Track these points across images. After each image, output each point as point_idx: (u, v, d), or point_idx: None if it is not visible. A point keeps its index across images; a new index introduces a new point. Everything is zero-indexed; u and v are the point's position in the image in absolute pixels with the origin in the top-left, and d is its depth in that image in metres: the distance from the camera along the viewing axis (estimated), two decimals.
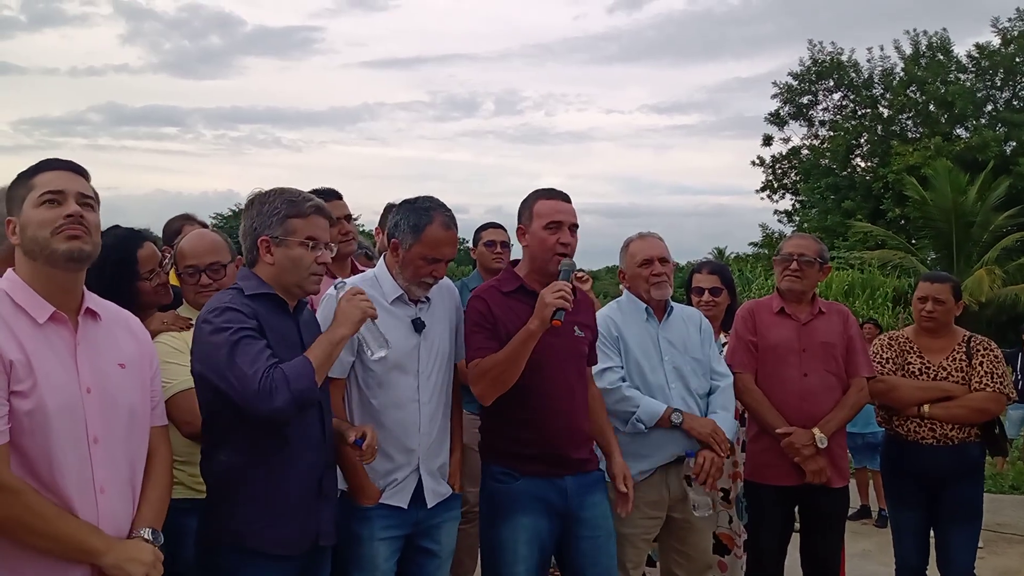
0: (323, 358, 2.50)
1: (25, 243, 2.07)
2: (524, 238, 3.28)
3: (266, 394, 2.34)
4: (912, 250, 23.25)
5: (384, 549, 2.94)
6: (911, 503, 4.21)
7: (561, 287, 2.99)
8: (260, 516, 2.51)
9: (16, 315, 2.01)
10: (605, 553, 3.29)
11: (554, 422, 3.17)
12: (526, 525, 3.16)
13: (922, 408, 4.08)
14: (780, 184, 32.91)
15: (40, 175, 2.10)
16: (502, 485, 3.19)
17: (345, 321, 2.58)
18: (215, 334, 2.42)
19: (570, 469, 3.22)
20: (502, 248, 4.77)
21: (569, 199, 3.30)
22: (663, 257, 3.74)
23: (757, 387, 3.92)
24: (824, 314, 4.00)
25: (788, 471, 3.82)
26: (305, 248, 2.60)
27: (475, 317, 3.18)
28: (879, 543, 6.67)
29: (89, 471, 2.06)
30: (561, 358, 3.20)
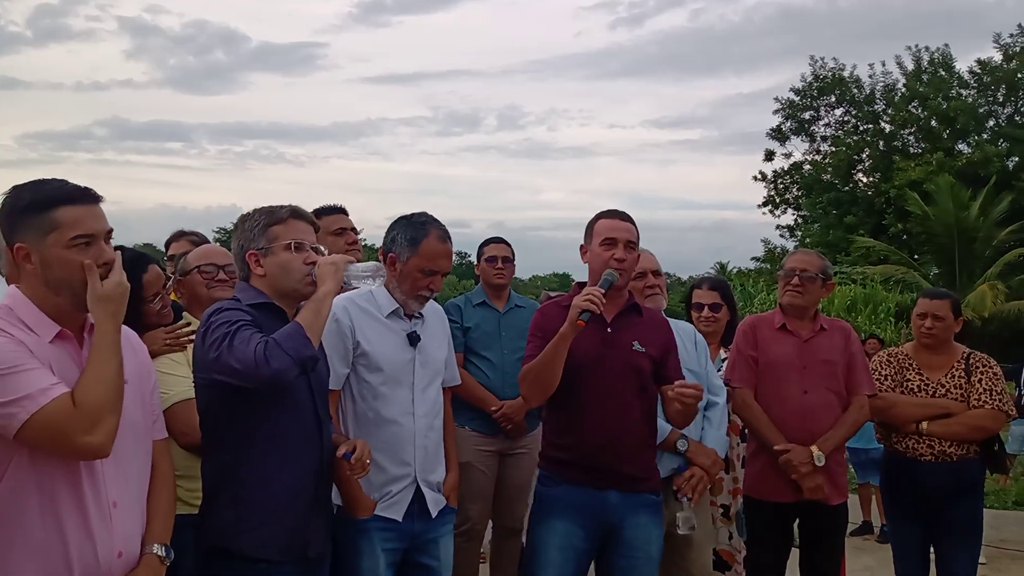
0: (311, 318, 2.48)
1: (50, 280, 2.07)
2: (585, 256, 3.38)
3: (263, 360, 2.32)
4: (915, 265, 23.28)
5: (382, 561, 2.95)
6: (911, 519, 4.21)
7: (591, 291, 3.05)
8: (245, 518, 2.50)
9: (24, 332, 2.03)
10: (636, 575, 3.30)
11: (594, 434, 3.20)
12: (559, 530, 3.21)
13: (921, 425, 4.07)
14: (782, 199, 32.98)
15: (62, 210, 2.06)
16: (544, 488, 3.30)
17: (323, 278, 2.56)
18: (213, 332, 2.43)
19: (614, 483, 3.23)
20: (503, 263, 4.78)
21: (629, 218, 3.40)
22: (655, 270, 3.80)
23: (756, 403, 3.91)
24: (826, 331, 4.00)
25: (786, 487, 3.81)
26: (290, 251, 2.61)
27: (532, 328, 3.33)
28: (881, 559, 6.64)
29: (103, 486, 2.07)
30: (610, 370, 3.23)
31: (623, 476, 3.24)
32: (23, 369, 1.94)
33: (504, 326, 4.62)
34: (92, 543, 2.05)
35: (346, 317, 3.02)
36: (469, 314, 4.63)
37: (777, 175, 32.85)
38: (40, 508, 1.99)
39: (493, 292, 4.77)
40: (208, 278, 3.27)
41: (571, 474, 3.23)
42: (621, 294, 3.34)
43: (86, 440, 1.96)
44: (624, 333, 3.17)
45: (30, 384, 1.93)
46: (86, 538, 2.04)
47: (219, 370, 2.39)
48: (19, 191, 2.10)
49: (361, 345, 3.01)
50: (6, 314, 2.05)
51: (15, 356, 1.94)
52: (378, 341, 3.03)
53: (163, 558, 2.22)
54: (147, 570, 2.18)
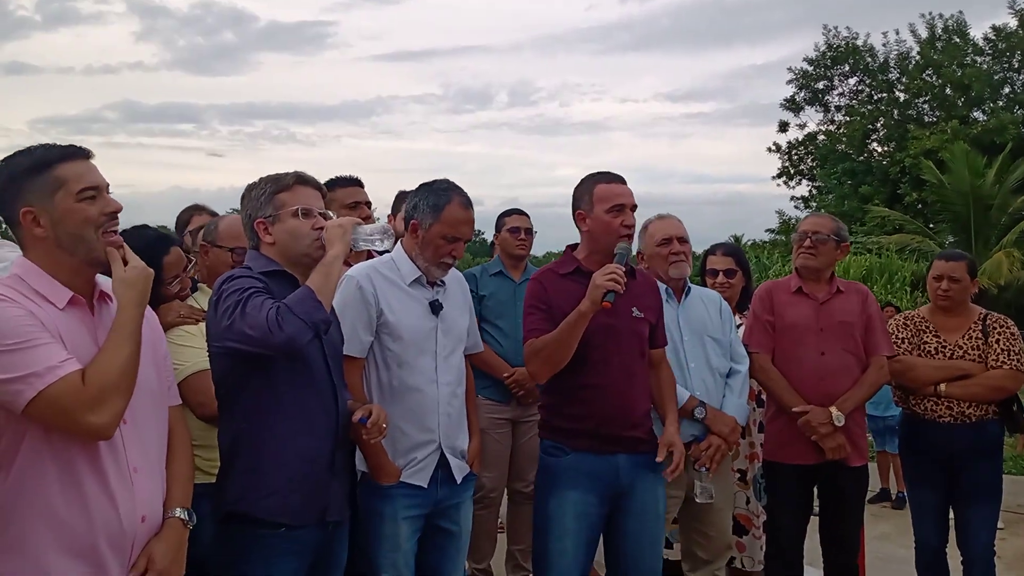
0: (321, 280, 2.48)
1: (62, 237, 2.07)
2: (585, 223, 3.31)
3: (275, 325, 2.33)
4: (930, 234, 23.07)
5: (407, 528, 2.99)
6: (929, 482, 4.21)
7: (613, 269, 3.04)
8: (262, 483, 2.53)
9: (37, 300, 2.03)
10: (650, 536, 3.32)
11: (606, 400, 3.22)
12: (574, 499, 3.21)
13: (939, 387, 4.08)
14: (796, 170, 32.73)
15: (63, 167, 2.09)
16: (553, 459, 3.26)
17: (332, 241, 2.57)
18: (225, 300, 2.45)
19: (622, 447, 3.25)
20: (526, 235, 4.80)
21: (625, 181, 3.33)
22: (681, 236, 3.79)
23: (774, 367, 3.92)
24: (842, 293, 4.00)
25: (806, 450, 3.83)
26: (298, 218, 2.62)
27: (531, 299, 3.27)
28: (898, 526, 6.65)
29: (122, 451, 2.09)
30: (617, 338, 3.24)
31: (631, 440, 3.27)
32: (32, 344, 1.94)
33: (519, 296, 4.62)
34: (115, 510, 2.06)
35: (369, 285, 3.03)
36: (485, 282, 4.65)
37: (791, 146, 32.59)
38: (60, 480, 2.00)
39: (512, 262, 4.79)
40: (237, 261, 3.22)
41: (580, 442, 3.22)
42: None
43: (90, 420, 1.96)
44: (624, 299, 3.15)
45: (39, 360, 1.93)
46: (109, 505, 2.05)
47: (232, 337, 2.40)
48: (11, 161, 2.10)
49: (384, 313, 3.02)
50: (16, 284, 2.05)
51: (26, 330, 1.94)
52: (401, 309, 3.05)
53: (186, 522, 2.25)
54: (171, 533, 2.20)
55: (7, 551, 1.98)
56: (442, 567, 3.14)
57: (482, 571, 4.72)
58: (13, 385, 1.91)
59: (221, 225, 3.35)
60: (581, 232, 3.35)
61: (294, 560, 2.57)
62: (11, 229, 2.14)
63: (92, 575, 2.04)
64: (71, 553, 2.01)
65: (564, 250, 3.45)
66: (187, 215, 4.25)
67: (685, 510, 3.81)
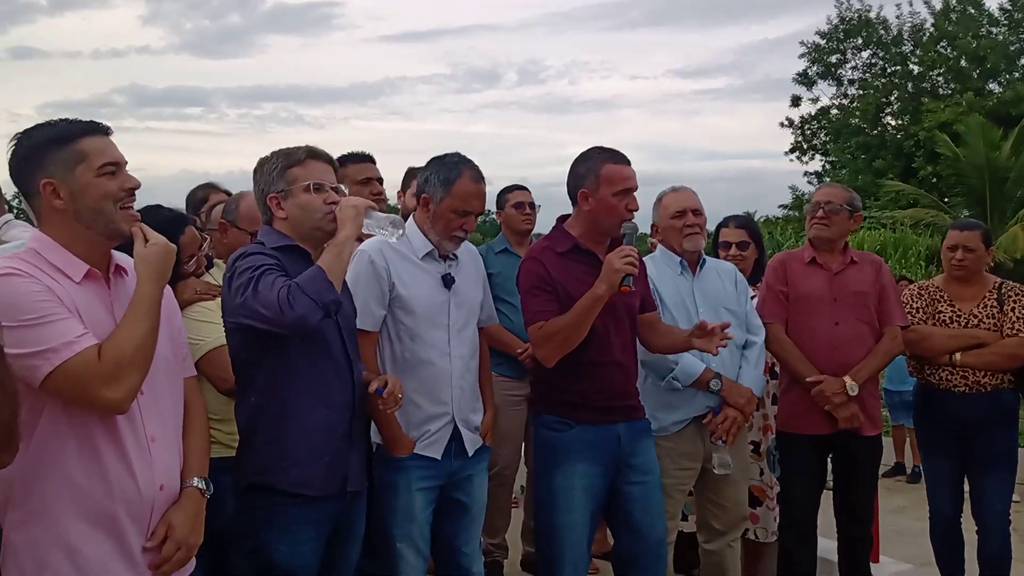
0: (332, 260, 2.48)
1: (81, 210, 2.08)
2: (588, 202, 3.22)
3: (286, 305, 2.34)
4: (945, 208, 22.91)
5: (421, 499, 3.01)
6: (944, 452, 4.20)
7: (628, 252, 3.03)
8: (283, 456, 2.55)
9: (54, 274, 2.05)
10: (654, 499, 3.33)
11: (608, 377, 3.23)
12: (582, 472, 3.20)
13: (954, 356, 4.06)
14: (810, 145, 32.54)
15: (85, 141, 2.10)
16: (557, 434, 3.23)
17: (344, 221, 2.55)
18: (238, 276, 2.46)
19: (621, 416, 3.27)
20: (530, 209, 4.79)
21: (630, 161, 3.28)
22: (696, 208, 3.77)
23: (787, 337, 3.91)
24: (856, 263, 3.97)
25: (820, 420, 3.82)
26: (309, 193, 2.62)
27: (533, 280, 3.18)
28: (913, 499, 6.65)
29: (140, 421, 2.11)
30: (615, 314, 3.22)
31: (628, 408, 3.31)
32: (50, 320, 1.95)
33: None
34: (133, 479, 2.08)
35: (381, 259, 3.03)
36: (491, 260, 4.62)
37: (804, 121, 32.38)
38: (79, 450, 2.02)
39: (517, 239, 4.77)
40: None
41: (585, 415, 3.21)
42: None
43: (105, 394, 1.98)
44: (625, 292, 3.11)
45: (56, 336, 1.94)
46: (127, 474, 2.07)
47: (245, 314, 2.42)
48: (33, 132, 2.11)
49: (396, 287, 3.03)
50: (33, 258, 2.05)
51: (43, 306, 1.95)
52: (413, 283, 3.06)
53: (203, 491, 2.27)
54: (189, 502, 2.22)
55: (29, 520, 2.01)
56: (457, 538, 3.16)
57: (496, 545, 4.74)
58: (31, 360, 1.93)
59: (242, 205, 3.34)
60: (580, 209, 3.27)
61: (313, 530, 2.59)
62: (27, 200, 2.14)
63: (111, 543, 2.06)
64: (91, 521, 2.03)
65: (555, 223, 3.39)
66: (202, 193, 4.25)
67: (701, 481, 3.81)
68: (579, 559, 3.25)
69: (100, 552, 2.04)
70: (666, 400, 3.67)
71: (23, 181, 2.11)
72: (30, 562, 2.00)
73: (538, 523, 3.35)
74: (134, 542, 2.10)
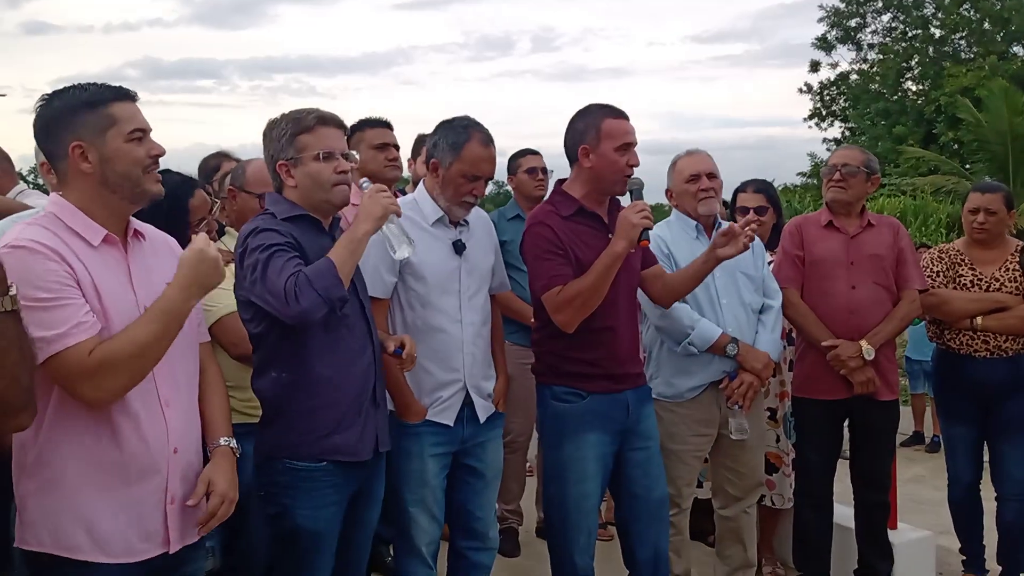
0: (345, 255, 2.46)
1: (109, 175, 2.08)
2: (588, 159, 3.15)
3: (292, 297, 2.35)
4: (966, 175, 22.62)
5: (434, 465, 3.02)
6: (963, 418, 4.16)
7: (643, 207, 2.99)
8: (317, 427, 2.56)
9: (71, 238, 2.05)
10: (657, 463, 3.33)
11: (619, 342, 3.20)
12: (594, 442, 3.19)
13: (975, 320, 4.00)
14: (829, 111, 32.22)
15: (116, 106, 2.10)
16: (569, 405, 3.18)
17: (367, 217, 2.53)
18: (250, 255, 2.46)
19: (630, 383, 3.25)
20: (543, 174, 4.74)
21: (629, 116, 3.22)
22: (711, 172, 3.71)
23: (803, 302, 3.86)
24: (874, 227, 3.91)
25: (835, 384, 3.78)
26: (319, 162, 2.58)
27: (544, 244, 3.10)
28: (932, 468, 6.62)
29: (153, 387, 2.11)
30: (621, 278, 3.18)
31: (635, 375, 3.30)
32: (52, 305, 1.94)
33: None
34: (145, 443, 2.09)
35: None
36: (503, 228, 4.58)
37: (823, 87, 32.05)
38: (92, 417, 2.03)
39: (529, 205, 4.72)
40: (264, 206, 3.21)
41: (597, 385, 3.18)
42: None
43: (85, 392, 1.98)
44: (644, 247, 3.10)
45: (54, 324, 1.93)
46: (138, 439, 2.08)
47: (255, 296, 2.45)
48: (63, 94, 2.10)
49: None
50: (51, 223, 2.06)
51: (51, 286, 1.95)
52: (423, 250, 3.01)
53: (234, 449, 2.30)
54: (223, 460, 2.27)
55: (45, 488, 2.03)
56: (471, 504, 3.17)
57: (511, 511, 4.76)
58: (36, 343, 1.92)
59: (249, 170, 3.32)
60: (580, 167, 3.19)
61: (337, 494, 2.62)
62: (50, 162, 2.13)
63: (126, 512, 2.07)
64: (105, 490, 2.05)
65: (554, 187, 3.33)
66: (214, 161, 4.23)
67: (717, 447, 3.79)
68: (592, 527, 3.26)
69: (115, 522, 2.06)
70: (682, 366, 3.64)
71: (51, 142, 2.10)
72: (47, 532, 2.02)
73: (547, 494, 3.33)
74: (149, 510, 2.11)
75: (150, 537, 2.12)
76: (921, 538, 4.27)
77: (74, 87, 2.13)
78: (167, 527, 2.14)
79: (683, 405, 3.64)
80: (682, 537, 3.75)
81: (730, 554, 3.90)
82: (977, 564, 4.27)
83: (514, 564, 4.51)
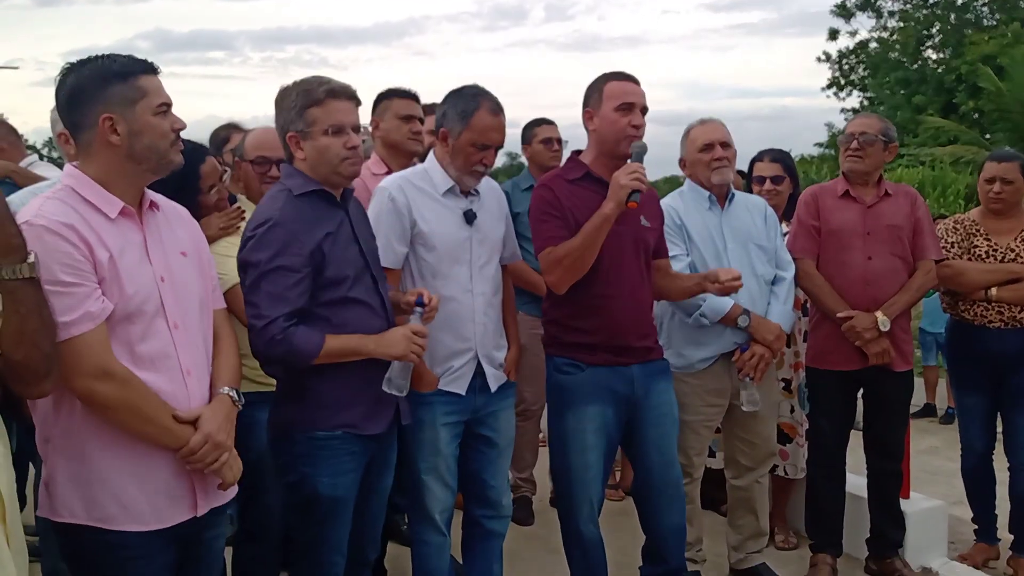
0: (336, 351, 2.53)
1: (136, 148, 2.08)
2: (592, 122, 3.19)
3: (265, 340, 2.47)
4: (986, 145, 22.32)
5: (446, 433, 3.04)
6: (977, 388, 4.14)
7: (635, 168, 2.98)
8: (330, 402, 2.59)
9: (89, 211, 2.05)
10: (671, 440, 3.32)
11: (619, 312, 3.18)
12: (593, 414, 3.20)
13: (990, 291, 3.97)
14: (847, 81, 31.84)
15: (144, 78, 2.10)
16: (568, 376, 3.21)
17: (385, 347, 2.59)
18: (254, 251, 2.51)
19: (635, 357, 3.23)
20: (558, 144, 4.72)
21: (639, 82, 3.20)
22: (724, 141, 3.69)
23: (818, 272, 3.84)
24: (890, 196, 3.87)
25: (850, 355, 3.77)
26: (328, 136, 2.57)
27: (543, 206, 3.15)
28: (946, 439, 6.63)
29: (175, 356, 2.13)
30: (627, 248, 3.19)
31: (643, 350, 3.26)
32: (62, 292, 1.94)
33: None
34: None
35: (402, 196, 3.01)
36: (517, 198, 4.57)
37: (842, 55, 31.65)
38: None
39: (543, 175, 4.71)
40: (260, 172, 3.23)
41: (597, 356, 3.19)
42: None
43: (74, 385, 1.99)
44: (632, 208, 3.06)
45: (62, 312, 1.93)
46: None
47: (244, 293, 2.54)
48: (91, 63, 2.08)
49: (418, 224, 3.01)
50: (69, 196, 2.05)
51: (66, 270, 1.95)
52: (434, 220, 3.03)
53: (235, 400, 2.27)
54: (219, 405, 2.21)
55: (75, 460, 2.05)
56: (484, 472, 3.19)
57: (524, 479, 4.79)
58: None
59: (247, 140, 3.33)
60: (588, 133, 3.24)
61: (354, 461, 2.66)
62: (73, 132, 2.11)
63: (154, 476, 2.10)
64: (133, 458, 2.07)
65: (569, 156, 3.35)
66: (224, 132, 4.25)
67: (729, 418, 3.81)
68: (594, 497, 3.28)
69: (144, 490, 2.09)
70: (693, 337, 3.65)
71: (78, 112, 2.08)
72: (79, 503, 2.04)
73: (552, 465, 3.37)
74: (177, 477, 2.14)
75: (178, 502, 2.15)
76: (934, 507, 4.28)
77: (101, 57, 2.11)
78: (195, 491, 2.17)
79: (694, 376, 3.65)
80: (694, 506, 3.77)
81: (742, 523, 3.93)
82: (989, 533, 4.27)
83: (528, 532, 4.55)
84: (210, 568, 2.33)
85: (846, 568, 4.04)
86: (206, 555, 2.29)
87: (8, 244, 1.83)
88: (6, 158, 3.87)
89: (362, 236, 2.70)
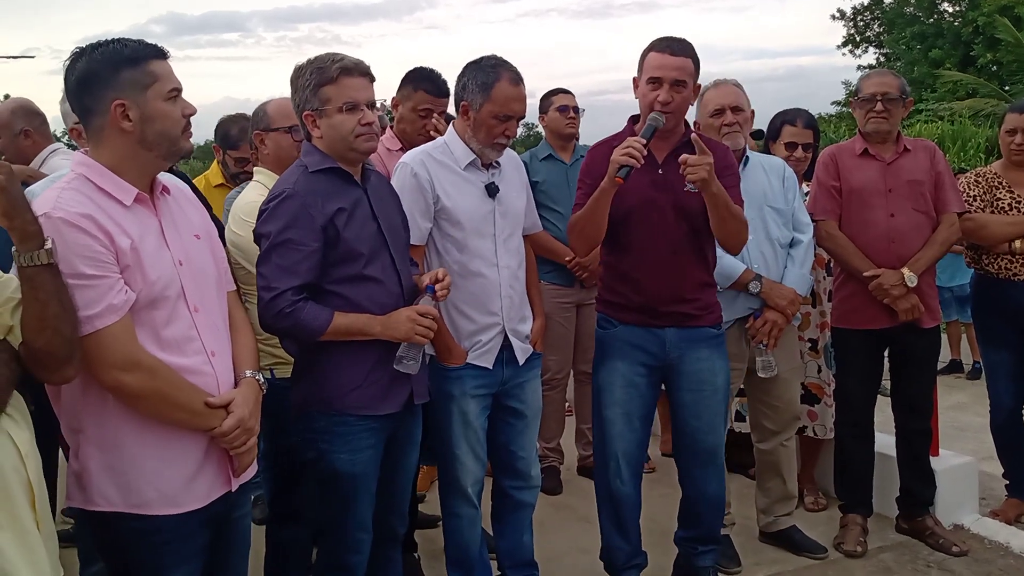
0: (343, 329, 2.54)
1: (148, 134, 2.07)
2: (636, 91, 3.20)
3: (273, 313, 2.48)
4: (1006, 97, 22.00)
5: (475, 406, 3.06)
6: (1004, 343, 4.11)
7: (631, 144, 2.93)
8: (344, 382, 2.60)
9: (104, 200, 2.04)
10: (708, 409, 3.29)
11: (649, 281, 3.18)
12: (621, 370, 3.25)
13: (1013, 244, 3.93)
14: (863, 37, 31.47)
15: (155, 63, 2.08)
16: (604, 331, 3.32)
17: (387, 329, 2.59)
18: (266, 223, 2.53)
19: (671, 321, 3.22)
20: (574, 113, 4.70)
21: (683, 51, 3.11)
22: (735, 106, 3.64)
23: (841, 232, 3.81)
24: (910, 151, 3.82)
25: (876, 314, 3.75)
26: (343, 113, 2.57)
27: (582, 172, 3.27)
28: (973, 395, 6.59)
29: (198, 338, 2.14)
30: (662, 213, 3.15)
31: (680, 315, 3.22)
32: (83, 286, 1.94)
33: (572, 178, 4.54)
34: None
35: (424, 171, 3.00)
36: (535, 168, 4.56)
37: (857, 11, 31.25)
38: None
39: (561, 144, 4.70)
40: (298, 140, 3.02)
41: (628, 315, 3.23)
42: (675, 131, 3.19)
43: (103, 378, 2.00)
44: (675, 174, 3.02)
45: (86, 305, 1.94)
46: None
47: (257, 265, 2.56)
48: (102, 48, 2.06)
49: (441, 199, 3.00)
50: (83, 186, 2.04)
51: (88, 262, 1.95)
52: (457, 194, 3.02)
53: (260, 382, 2.28)
54: (247, 388, 2.22)
55: (108, 449, 2.05)
56: (513, 443, 3.22)
57: (552, 449, 4.82)
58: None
59: (269, 109, 3.20)
60: None
61: (373, 438, 2.67)
62: (84, 118, 2.09)
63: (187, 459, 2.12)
64: (164, 442, 2.08)
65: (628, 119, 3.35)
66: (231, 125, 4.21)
67: (751, 383, 3.80)
68: (624, 453, 3.29)
69: (178, 474, 2.10)
70: None
71: (89, 98, 2.06)
72: (116, 491, 2.05)
73: (592, 419, 3.45)
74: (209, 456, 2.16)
75: (214, 479, 2.17)
76: (964, 464, 4.26)
77: (112, 41, 2.08)
78: (228, 466, 2.20)
79: None
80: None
81: (770, 487, 3.93)
82: (1020, 489, 4.26)
83: (557, 501, 4.58)
84: (239, 548, 2.37)
85: (877, 527, 4.04)
86: (235, 535, 2.33)
87: (25, 231, 1.84)
88: (33, 146, 3.87)
89: (382, 215, 2.69)
